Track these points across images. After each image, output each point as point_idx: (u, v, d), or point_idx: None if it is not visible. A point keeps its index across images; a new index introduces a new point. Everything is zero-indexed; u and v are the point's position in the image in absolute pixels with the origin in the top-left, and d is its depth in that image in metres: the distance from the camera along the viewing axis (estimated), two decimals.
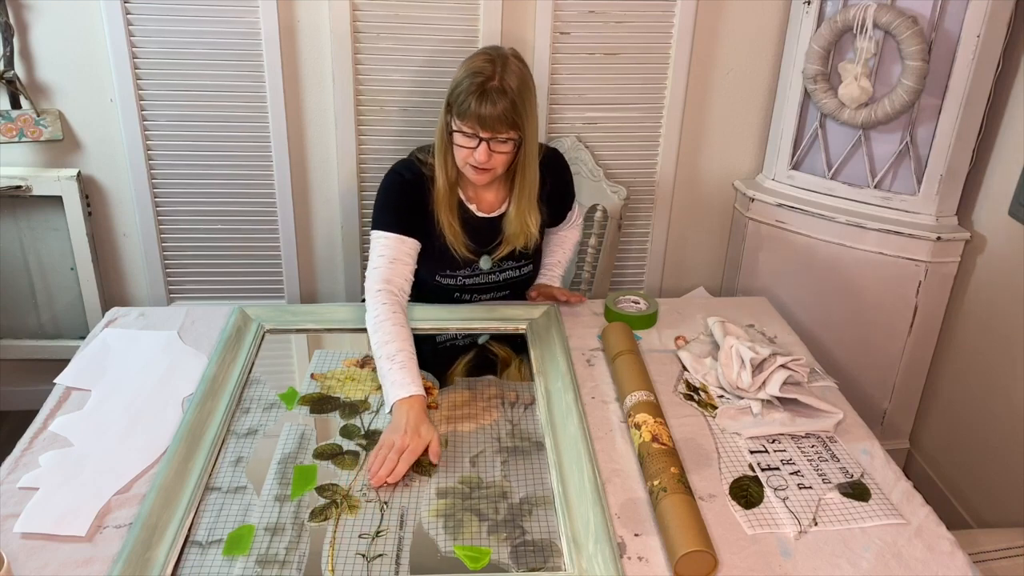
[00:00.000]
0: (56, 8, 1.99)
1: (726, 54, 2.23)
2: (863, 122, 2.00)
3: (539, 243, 1.77)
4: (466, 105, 1.49)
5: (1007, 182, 1.94)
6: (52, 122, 2.08)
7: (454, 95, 1.53)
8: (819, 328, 2.19)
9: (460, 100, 1.50)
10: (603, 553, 1.06)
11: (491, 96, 1.48)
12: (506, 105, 1.49)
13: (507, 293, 1.79)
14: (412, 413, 1.32)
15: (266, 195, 2.22)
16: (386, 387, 1.40)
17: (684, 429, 1.36)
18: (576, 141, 2.22)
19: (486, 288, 1.75)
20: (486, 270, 1.72)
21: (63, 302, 2.29)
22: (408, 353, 1.44)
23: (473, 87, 1.49)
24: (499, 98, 1.49)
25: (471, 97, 1.49)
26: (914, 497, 1.22)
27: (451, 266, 1.69)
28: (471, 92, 1.49)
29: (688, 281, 2.52)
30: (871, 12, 1.90)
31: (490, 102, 1.48)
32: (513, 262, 1.74)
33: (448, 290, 1.73)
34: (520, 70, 1.54)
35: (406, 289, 1.60)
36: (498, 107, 1.48)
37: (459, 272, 1.70)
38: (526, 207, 1.65)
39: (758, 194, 2.23)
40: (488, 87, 1.49)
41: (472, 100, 1.48)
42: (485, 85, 1.49)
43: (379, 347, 1.46)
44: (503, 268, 1.73)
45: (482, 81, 1.49)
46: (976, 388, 2.07)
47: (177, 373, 1.47)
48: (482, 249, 1.70)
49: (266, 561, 1.08)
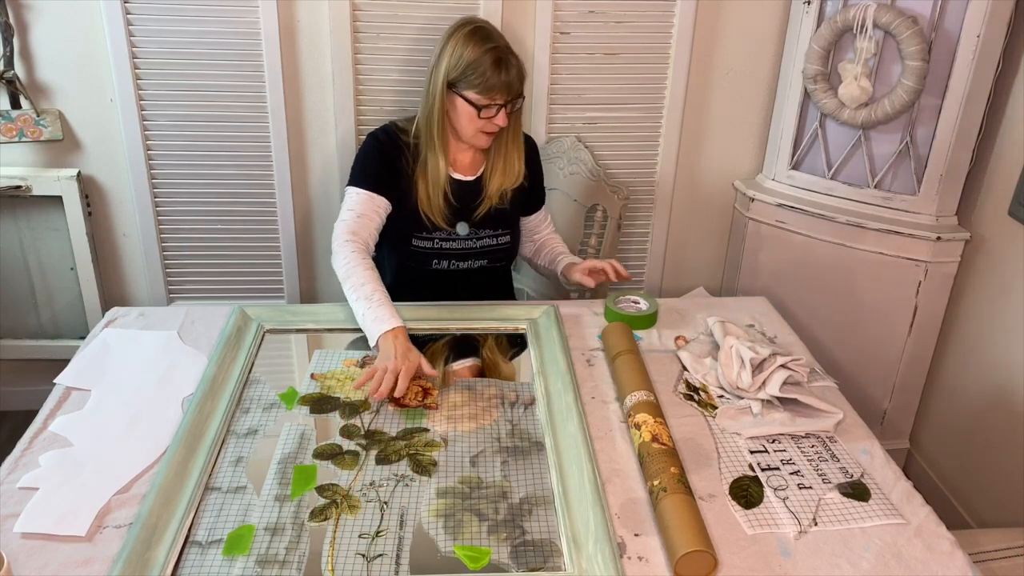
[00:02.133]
0: (56, 8, 1.99)
1: (726, 54, 2.23)
2: (863, 122, 2.00)
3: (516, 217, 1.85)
4: (493, 80, 1.61)
5: (1007, 182, 1.94)
6: (52, 122, 2.08)
7: (467, 75, 1.63)
8: (819, 328, 2.19)
9: (483, 77, 1.61)
10: (603, 553, 1.06)
11: (507, 61, 1.63)
12: (520, 70, 1.66)
13: (484, 263, 1.81)
14: (398, 342, 1.44)
15: (266, 195, 2.22)
16: (367, 324, 1.50)
17: (684, 429, 1.36)
18: (576, 141, 2.22)
19: (463, 255, 1.78)
20: (463, 236, 1.77)
21: (63, 302, 2.29)
22: (383, 293, 1.55)
23: (496, 61, 1.61)
24: (513, 60, 1.65)
25: (496, 72, 1.61)
26: (914, 497, 1.22)
27: (426, 228, 1.74)
28: (494, 65, 1.61)
29: (688, 281, 2.52)
30: (871, 12, 1.90)
31: (513, 70, 1.64)
32: (490, 230, 1.79)
33: (425, 255, 1.76)
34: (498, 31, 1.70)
35: (370, 245, 1.68)
36: (513, 69, 1.64)
37: (435, 235, 1.75)
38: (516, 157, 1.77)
39: (758, 194, 2.23)
40: (506, 58, 1.63)
41: (497, 74, 1.61)
42: (503, 56, 1.63)
43: (355, 289, 1.56)
44: (480, 235, 1.78)
45: (499, 54, 1.62)
46: (976, 388, 2.07)
47: (177, 373, 1.47)
48: (459, 215, 1.76)
49: (266, 561, 1.08)
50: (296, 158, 2.20)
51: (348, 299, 1.58)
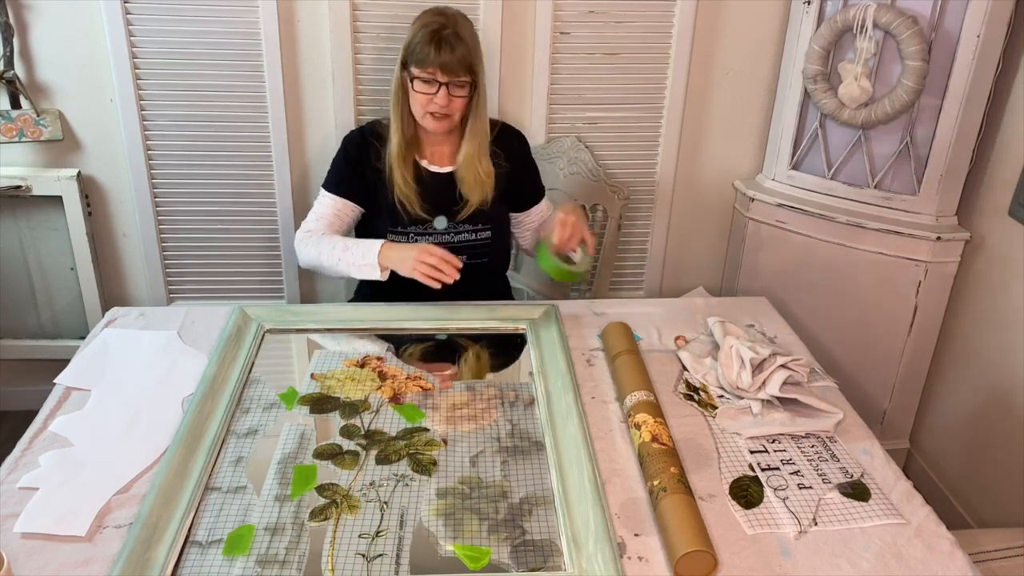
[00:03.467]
0: (56, 8, 1.99)
1: (726, 54, 2.23)
2: (863, 122, 2.00)
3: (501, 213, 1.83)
4: (425, 52, 1.62)
5: (1007, 182, 1.94)
6: (52, 122, 2.08)
7: (410, 49, 1.66)
8: (819, 328, 2.19)
9: (418, 50, 1.64)
10: (603, 553, 1.06)
11: (449, 41, 1.63)
12: (463, 50, 1.64)
13: (464, 259, 1.71)
14: (397, 247, 1.62)
15: (266, 195, 2.22)
16: (356, 258, 1.65)
17: (684, 429, 1.36)
18: (576, 141, 2.22)
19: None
20: (440, 230, 1.77)
21: (63, 302, 2.29)
22: (349, 239, 1.72)
23: (429, 36, 1.63)
24: (456, 43, 1.63)
25: (429, 46, 1.62)
26: (914, 497, 1.22)
27: (401, 223, 1.75)
28: (429, 41, 1.62)
29: (688, 281, 2.52)
30: (871, 12, 1.90)
31: (448, 47, 1.62)
32: (470, 225, 1.78)
33: None
34: (470, 24, 1.71)
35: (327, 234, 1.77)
36: (456, 52, 1.63)
37: (410, 229, 1.76)
38: (476, 153, 1.73)
39: (758, 194, 2.23)
40: (444, 34, 1.63)
41: (431, 48, 1.62)
42: (441, 32, 1.63)
43: (330, 249, 1.69)
44: (459, 230, 1.77)
45: (437, 29, 1.63)
46: (976, 388, 2.07)
47: (177, 373, 1.47)
48: (438, 208, 1.76)
49: (266, 561, 1.08)
50: (296, 158, 2.20)
51: (334, 271, 1.70)
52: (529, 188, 1.90)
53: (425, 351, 1.62)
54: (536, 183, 1.92)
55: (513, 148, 1.84)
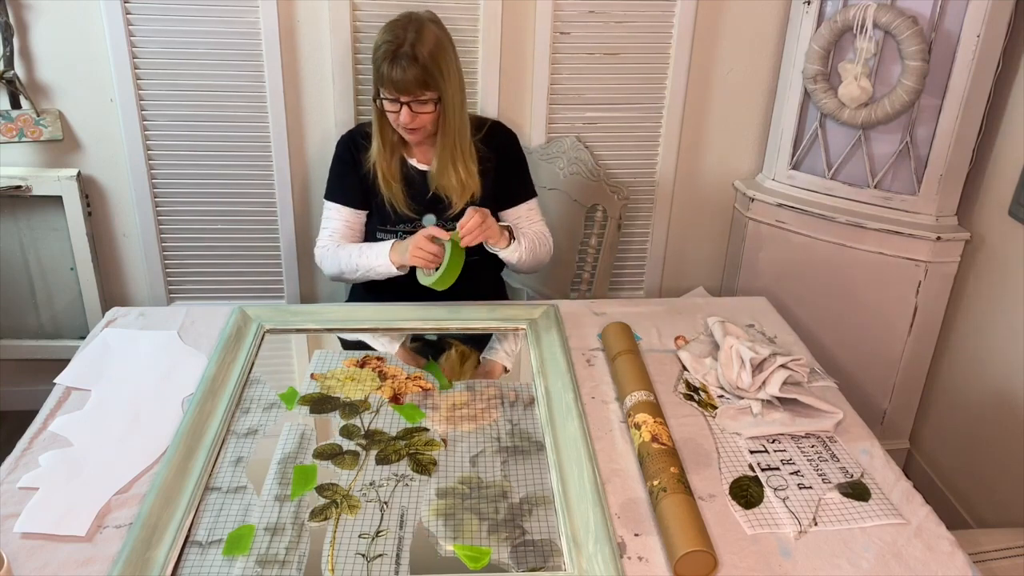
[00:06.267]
0: (56, 8, 1.99)
1: (726, 54, 2.23)
2: (863, 122, 2.00)
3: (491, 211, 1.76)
4: (381, 71, 1.60)
5: (1007, 182, 1.94)
6: (52, 122, 2.08)
7: (373, 62, 1.64)
8: (819, 328, 2.19)
9: (377, 67, 1.62)
10: (603, 553, 1.06)
11: (401, 62, 1.58)
12: (416, 71, 1.58)
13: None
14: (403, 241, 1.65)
15: (266, 195, 2.22)
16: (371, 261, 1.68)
17: (684, 429, 1.36)
18: (576, 141, 2.22)
19: None
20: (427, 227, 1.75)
21: (63, 302, 2.29)
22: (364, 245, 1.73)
23: (386, 54, 1.60)
24: (409, 64, 1.58)
25: (384, 63, 1.60)
26: (914, 497, 1.22)
27: (389, 220, 1.77)
28: (384, 59, 1.60)
29: (688, 281, 2.52)
30: (871, 12, 1.90)
31: (400, 68, 1.58)
32: (456, 221, 1.71)
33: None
34: (435, 33, 1.63)
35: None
36: (409, 72, 1.58)
37: (398, 227, 1.77)
38: (449, 158, 1.71)
39: (758, 194, 2.23)
40: (399, 53, 1.58)
41: (385, 66, 1.59)
42: (396, 52, 1.59)
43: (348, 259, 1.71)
44: (447, 228, 1.72)
45: (393, 49, 1.59)
46: (976, 388, 2.07)
47: (177, 373, 1.47)
48: (426, 206, 1.77)
49: (266, 561, 1.08)
50: (296, 158, 2.20)
51: (361, 277, 1.73)
52: (515, 187, 1.86)
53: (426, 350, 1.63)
54: (524, 182, 1.87)
55: (502, 146, 1.82)
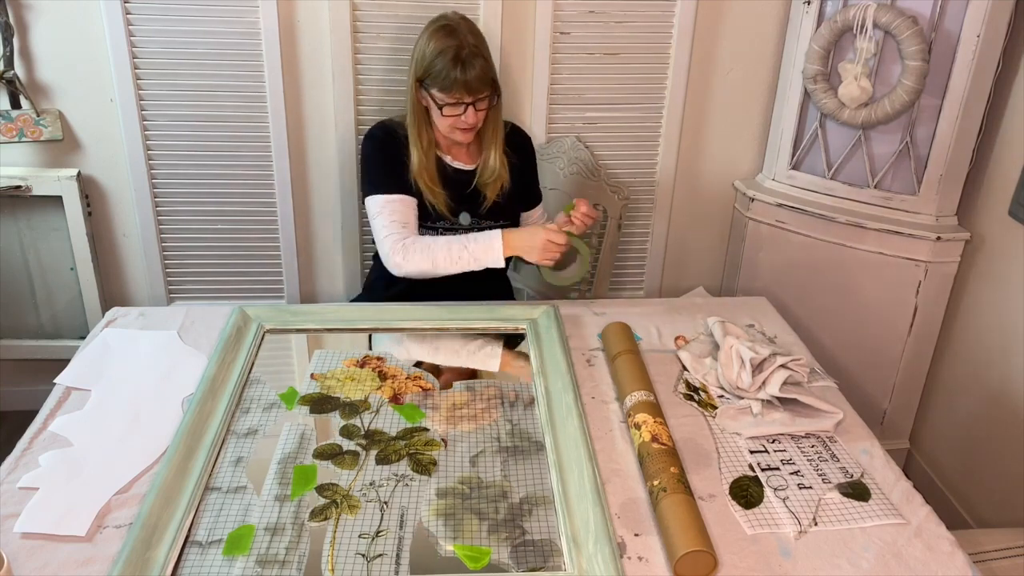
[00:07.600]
0: (56, 8, 1.99)
1: (726, 54, 2.23)
2: (863, 122, 2.00)
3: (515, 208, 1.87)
4: (451, 78, 1.63)
5: (1007, 182, 1.94)
6: (52, 122, 2.08)
7: (431, 72, 1.66)
8: (819, 328, 2.19)
9: (442, 75, 1.64)
10: (603, 553, 1.06)
11: (469, 62, 1.63)
12: (483, 64, 1.65)
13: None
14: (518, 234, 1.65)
15: (266, 195, 2.22)
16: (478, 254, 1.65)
17: (684, 429, 1.36)
18: (576, 141, 2.22)
19: None
20: (465, 225, 1.81)
21: (63, 302, 2.29)
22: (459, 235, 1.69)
23: (455, 59, 1.62)
24: (476, 61, 1.64)
25: (455, 68, 1.62)
26: (914, 497, 1.22)
27: (430, 218, 1.79)
28: (454, 64, 1.62)
29: (688, 281, 2.52)
30: (871, 12, 1.90)
31: (472, 69, 1.63)
32: (492, 220, 1.81)
33: None
34: (475, 28, 1.71)
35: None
36: (477, 69, 1.63)
37: (438, 224, 1.79)
38: (494, 150, 1.78)
39: (758, 194, 2.23)
40: (463, 56, 1.63)
41: (456, 71, 1.62)
42: (460, 54, 1.63)
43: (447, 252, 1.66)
44: (482, 226, 1.80)
45: (456, 53, 1.63)
46: (976, 388, 2.07)
47: (177, 373, 1.47)
48: (462, 204, 1.79)
49: (266, 561, 1.08)
50: (296, 158, 2.20)
51: (449, 271, 1.67)
52: (533, 189, 1.95)
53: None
54: (536, 187, 1.96)
55: (521, 148, 1.89)
